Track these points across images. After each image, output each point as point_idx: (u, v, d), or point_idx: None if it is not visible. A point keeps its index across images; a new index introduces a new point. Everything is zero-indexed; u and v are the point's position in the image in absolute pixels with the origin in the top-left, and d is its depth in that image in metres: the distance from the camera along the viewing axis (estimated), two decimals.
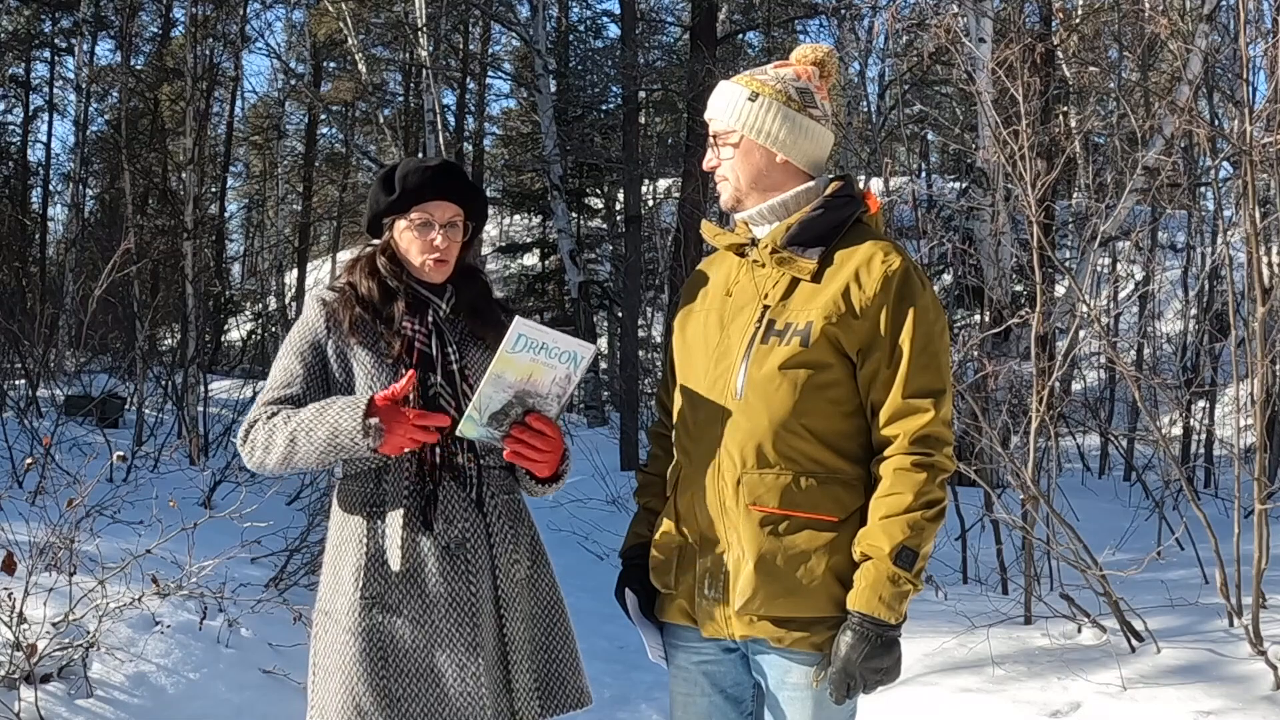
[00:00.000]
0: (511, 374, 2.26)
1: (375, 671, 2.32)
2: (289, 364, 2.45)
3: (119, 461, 5.05)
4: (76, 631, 3.93)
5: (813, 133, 2.28)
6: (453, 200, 2.47)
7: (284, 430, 2.33)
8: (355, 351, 2.42)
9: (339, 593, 2.39)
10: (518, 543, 2.47)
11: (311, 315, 2.47)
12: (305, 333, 2.46)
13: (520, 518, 2.50)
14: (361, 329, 2.42)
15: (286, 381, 2.43)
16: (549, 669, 2.48)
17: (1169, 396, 7.38)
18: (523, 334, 2.25)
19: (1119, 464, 10.47)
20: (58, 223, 19.57)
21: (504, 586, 2.42)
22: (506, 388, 2.27)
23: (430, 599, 2.35)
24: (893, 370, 2.16)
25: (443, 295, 2.50)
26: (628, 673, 5.09)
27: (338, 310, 2.45)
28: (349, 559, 2.39)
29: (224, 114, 20.52)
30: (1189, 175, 9.65)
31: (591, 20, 20.70)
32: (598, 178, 18.94)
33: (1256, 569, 4.28)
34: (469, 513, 2.40)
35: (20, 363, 9.36)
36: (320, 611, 2.45)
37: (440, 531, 2.37)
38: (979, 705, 4.34)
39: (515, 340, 2.25)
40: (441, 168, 2.49)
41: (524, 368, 2.26)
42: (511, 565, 2.44)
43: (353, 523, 2.41)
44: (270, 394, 2.43)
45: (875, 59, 13.84)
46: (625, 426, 12.09)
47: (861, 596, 2.11)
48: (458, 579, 2.37)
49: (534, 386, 2.28)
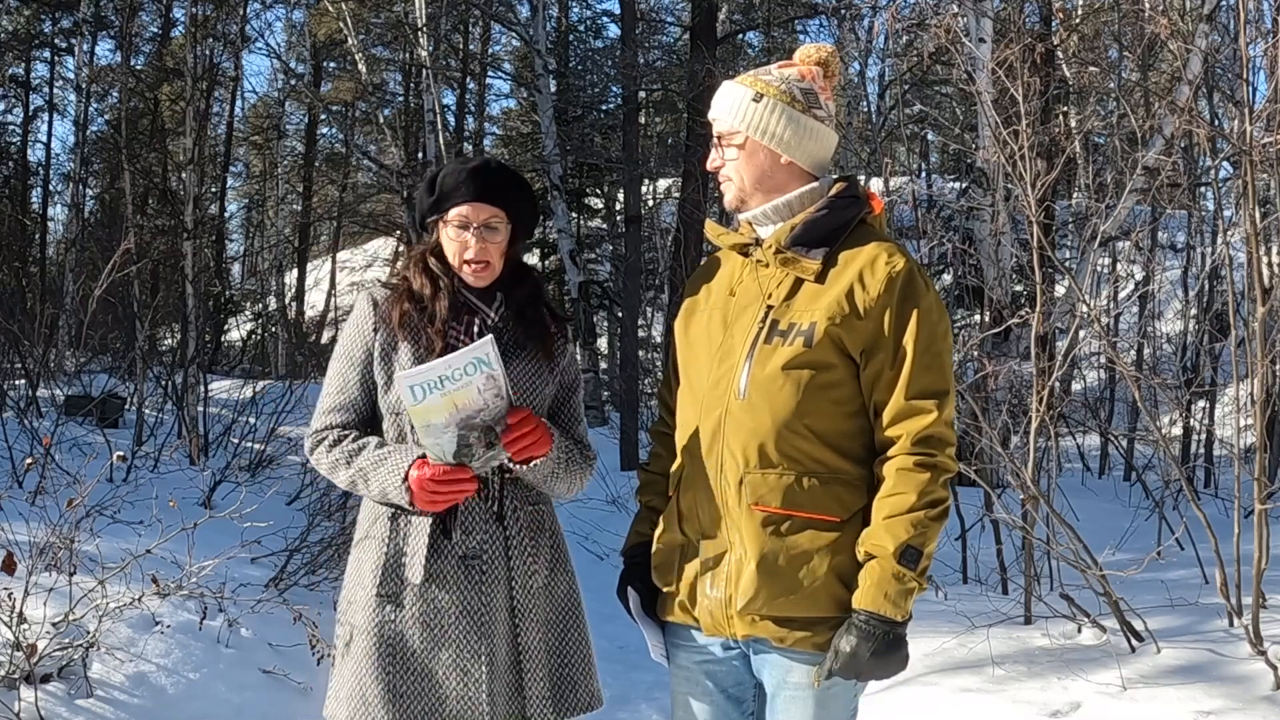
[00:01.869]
0: (436, 417, 2.26)
1: (383, 667, 2.36)
2: (342, 369, 2.47)
3: (119, 461, 5.05)
4: (76, 631, 3.93)
5: (817, 133, 2.28)
6: (490, 202, 2.41)
7: (345, 473, 2.42)
8: (398, 350, 2.41)
9: (359, 586, 2.45)
10: (537, 553, 2.47)
11: (361, 314, 2.48)
12: (355, 335, 2.47)
13: (542, 528, 2.50)
14: (408, 325, 2.42)
15: (340, 387, 2.47)
16: (563, 673, 2.49)
17: (1169, 396, 7.38)
18: (411, 386, 2.24)
19: (1119, 464, 10.47)
20: (58, 223, 19.57)
21: (519, 597, 2.43)
22: (444, 429, 2.27)
23: (441, 605, 2.38)
24: (896, 371, 2.16)
25: (492, 303, 2.46)
26: (628, 673, 5.09)
27: (387, 307, 2.44)
28: (370, 556, 2.43)
29: (224, 114, 20.52)
30: (1189, 175, 9.66)
31: (591, 20, 20.71)
32: (598, 178, 18.94)
33: (1256, 569, 4.28)
34: (488, 524, 2.42)
35: (20, 363, 9.35)
36: (344, 599, 2.51)
37: (458, 541, 2.39)
38: (979, 705, 4.34)
39: (411, 394, 2.24)
40: (479, 168, 2.44)
41: (441, 406, 2.25)
42: (529, 576, 2.45)
43: (380, 522, 2.44)
44: (327, 401, 2.48)
45: (875, 59, 13.85)
46: (625, 426, 12.10)
47: (867, 595, 2.11)
48: (470, 589, 2.39)
49: (467, 410, 2.26)
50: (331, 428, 2.46)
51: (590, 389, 16.19)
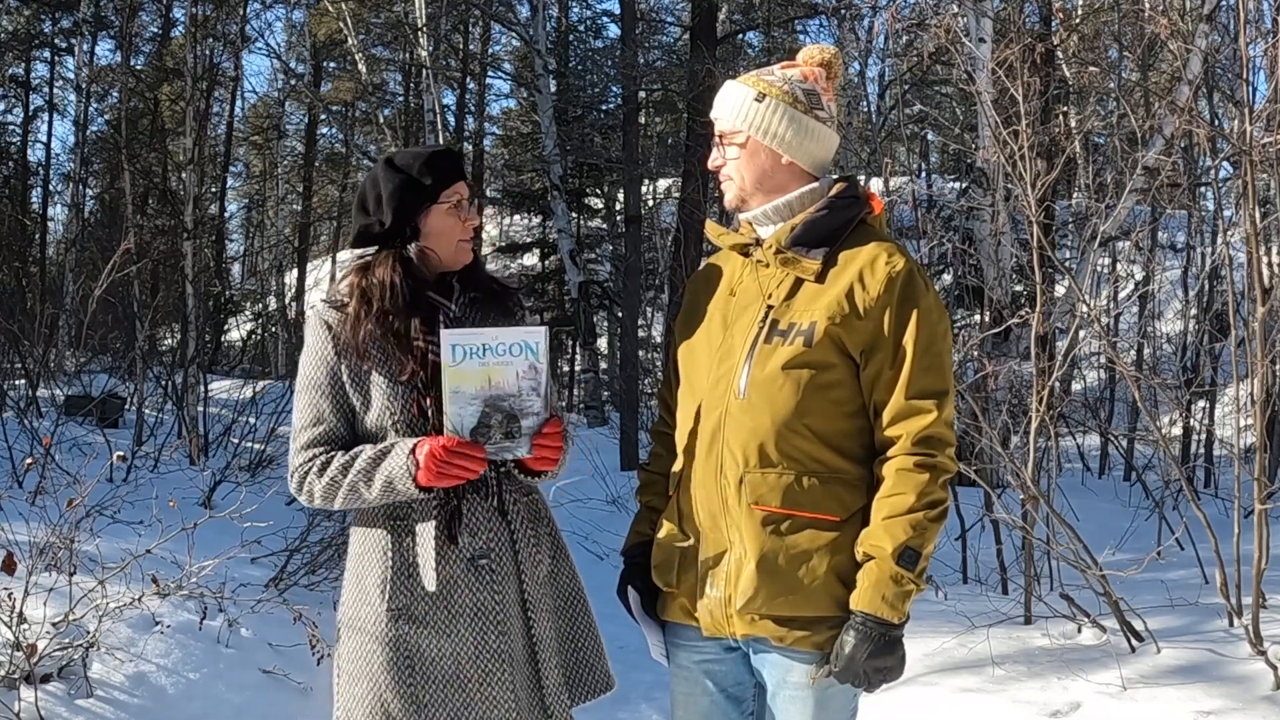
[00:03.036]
0: (468, 385, 2.21)
1: (403, 679, 2.32)
2: (312, 400, 2.38)
3: (119, 461, 5.05)
4: (76, 631, 3.93)
5: (818, 134, 2.28)
6: (465, 180, 2.44)
7: (343, 486, 2.32)
8: (370, 373, 2.35)
9: (364, 603, 2.37)
10: (539, 543, 2.46)
11: (318, 341, 2.39)
12: (316, 362, 2.38)
13: (540, 517, 2.49)
14: (373, 347, 2.35)
15: (315, 419, 2.37)
16: (576, 658, 2.48)
17: (1169, 396, 7.38)
18: (455, 344, 2.19)
19: (1119, 464, 10.47)
20: (58, 223, 19.60)
21: (529, 589, 2.41)
22: (470, 400, 2.22)
23: (457, 610, 2.34)
24: (896, 371, 2.16)
25: (450, 294, 2.43)
26: (628, 673, 5.06)
27: (343, 332, 2.36)
28: (374, 570, 2.37)
29: (224, 114, 20.55)
30: (1189, 175, 9.65)
31: (591, 20, 20.72)
32: (598, 178, 18.94)
33: (1256, 569, 4.28)
34: (493, 522, 2.39)
35: (20, 363, 9.36)
36: (344, 621, 2.43)
37: (465, 544, 2.35)
38: (979, 705, 4.34)
39: (451, 352, 2.19)
40: (445, 152, 2.44)
41: (477, 375, 2.21)
42: (536, 567, 2.43)
43: (375, 534, 2.38)
44: (304, 436, 2.38)
45: (875, 59, 13.86)
46: (625, 426, 12.09)
47: (865, 596, 2.11)
48: (483, 589, 2.36)
49: (500, 389, 2.23)
50: (315, 458, 2.36)
51: (590, 389, 16.20)
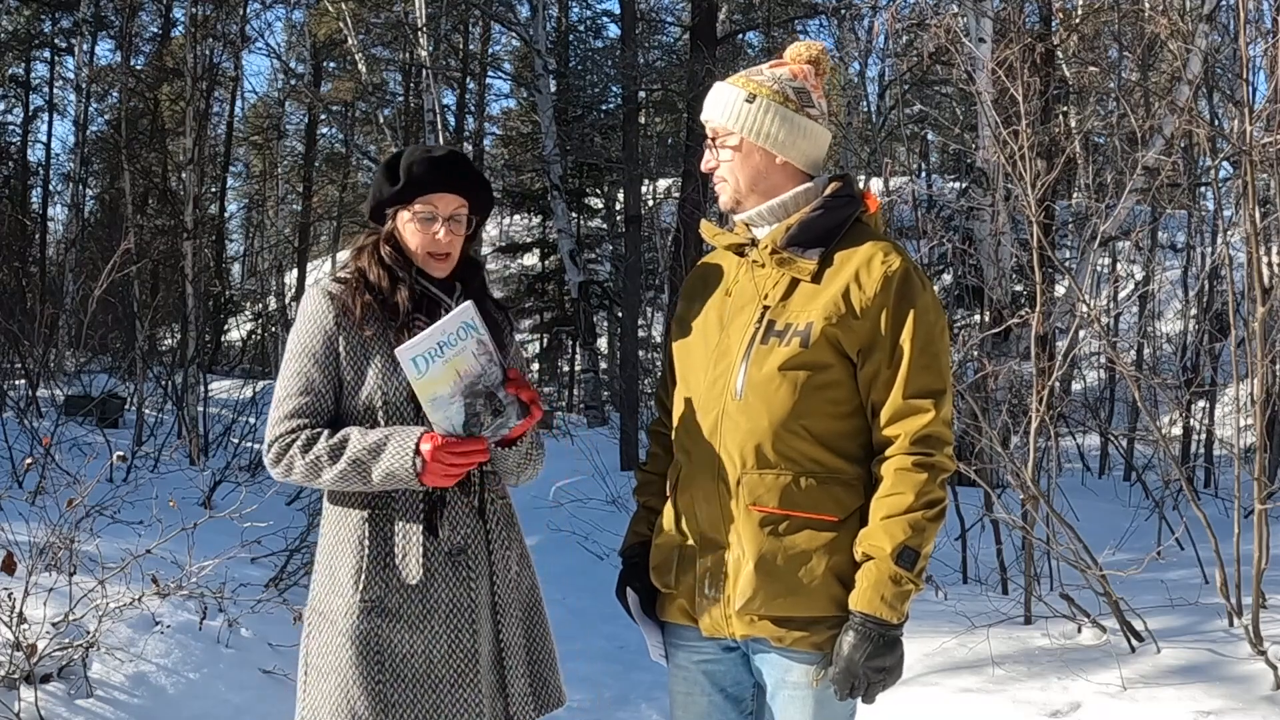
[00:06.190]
0: (442, 388, 2.21)
1: (371, 676, 2.27)
2: (303, 367, 2.31)
3: (119, 461, 5.05)
4: (76, 631, 3.93)
5: (811, 132, 2.28)
6: (458, 193, 2.37)
7: (330, 471, 2.25)
8: (368, 350, 2.32)
9: (336, 594, 2.32)
10: (510, 546, 2.44)
11: (319, 309, 2.33)
12: (314, 329, 2.32)
13: (512, 520, 2.49)
14: (373, 322, 2.33)
15: (304, 388, 2.30)
16: (534, 670, 2.46)
17: (1169, 396, 7.37)
18: (414, 359, 2.18)
19: (1119, 464, 10.47)
20: (58, 223, 19.58)
21: (500, 591, 2.39)
22: (450, 400, 2.22)
23: (431, 605, 2.31)
24: (893, 370, 2.16)
25: (451, 292, 2.42)
26: (628, 673, 5.09)
27: (347, 301, 2.33)
28: (347, 560, 2.32)
29: (224, 114, 20.56)
30: (1189, 175, 9.66)
31: (591, 20, 20.72)
32: (598, 178, 18.94)
33: (1256, 569, 4.28)
34: (471, 518, 2.37)
35: (20, 363, 9.36)
36: (314, 611, 2.38)
37: (445, 538, 2.33)
38: (979, 705, 4.34)
39: (414, 366, 2.19)
40: (448, 158, 2.38)
41: (445, 375, 2.20)
42: (506, 570, 2.42)
43: (352, 522, 2.33)
44: (288, 405, 2.30)
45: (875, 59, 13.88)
46: (625, 426, 12.09)
47: (864, 596, 2.11)
48: (459, 585, 2.33)
49: (469, 376, 2.23)
50: (300, 429, 2.28)
51: (590, 389, 16.20)
